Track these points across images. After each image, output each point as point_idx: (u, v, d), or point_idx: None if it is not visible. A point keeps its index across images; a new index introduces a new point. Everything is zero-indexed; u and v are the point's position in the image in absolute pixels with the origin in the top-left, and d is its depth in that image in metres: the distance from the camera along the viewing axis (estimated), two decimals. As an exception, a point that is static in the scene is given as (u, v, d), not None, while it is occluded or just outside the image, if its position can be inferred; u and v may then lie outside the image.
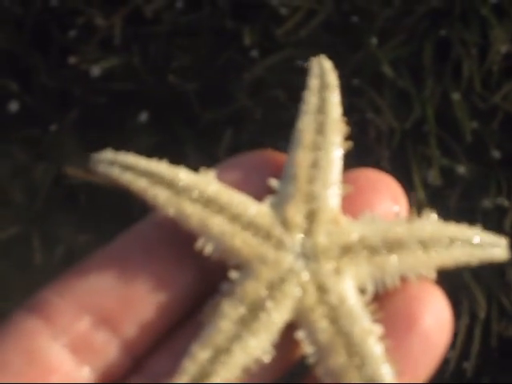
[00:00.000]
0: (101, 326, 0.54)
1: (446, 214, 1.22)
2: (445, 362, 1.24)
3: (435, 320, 0.54)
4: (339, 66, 0.58)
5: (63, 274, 0.55)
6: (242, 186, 0.56)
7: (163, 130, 1.33)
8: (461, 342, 1.23)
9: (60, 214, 1.30)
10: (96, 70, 1.35)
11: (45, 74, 1.37)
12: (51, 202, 1.32)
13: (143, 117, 1.32)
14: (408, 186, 1.24)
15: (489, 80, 1.29)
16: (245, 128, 1.33)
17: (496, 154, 1.27)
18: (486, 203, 1.25)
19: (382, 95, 1.27)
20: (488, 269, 1.23)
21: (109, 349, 0.54)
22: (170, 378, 0.52)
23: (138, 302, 0.54)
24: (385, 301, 0.55)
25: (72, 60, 1.36)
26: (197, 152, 1.32)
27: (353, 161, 1.31)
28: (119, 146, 1.33)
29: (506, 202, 1.24)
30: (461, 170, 1.26)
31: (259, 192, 0.56)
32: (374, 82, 1.28)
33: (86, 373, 0.54)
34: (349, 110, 1.29)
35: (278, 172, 0.56)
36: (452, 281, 1.27)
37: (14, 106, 1.36)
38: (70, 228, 1.30)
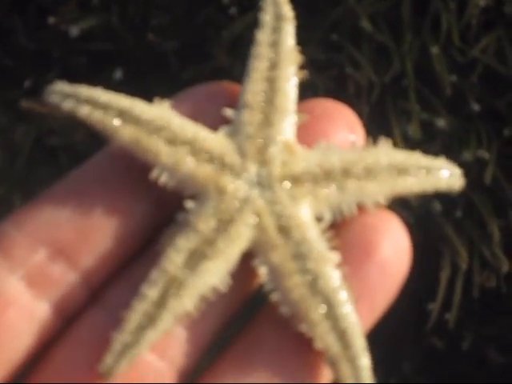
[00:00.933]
0: (57, 257, 0.54)
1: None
2: (426, 313, 1.25)
3: (393, 249, 0.54)
4: (318, 21, 0.58)
5: (21, 208, 0.55)
6: (198, 116, 0.55)
7: (141, 88, 1.32)
8: (442, 293, 1.24)
9: (41, 174, 1.30)
10: (75, 30, 1.34)
11: (23, 35, 1.37)
12: (32, 162, 1.32)
13: (118, 74, 1.32)
14: (388, 140, 1.25)
15: (467, 33, 1.29)
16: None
17: (476, 106, 1.27)
18: (467, 156, 1.25)
19: (361, 50, 1.27)
20: (469, 220, 1.24)
21: (66, 280, 0.54)
22: (127, 308, 0.52)
23: (95, 233, 0.54)
24: (343, 230, 0.55)
25: (51, 20, 1.35)
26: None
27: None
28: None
29: (486, 155, 1.25)
30: (440, 123, 1.26)
31: (215, 122, 0.56)
32: (353, 37, 1.27)
33: (43, 305, 0.54)
34: (328, 65, 1.29)
35: (234, 102, 0.56)
36: (433, 232, 1.28)
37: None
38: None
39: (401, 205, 1.22)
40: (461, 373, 1.26)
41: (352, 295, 0.53)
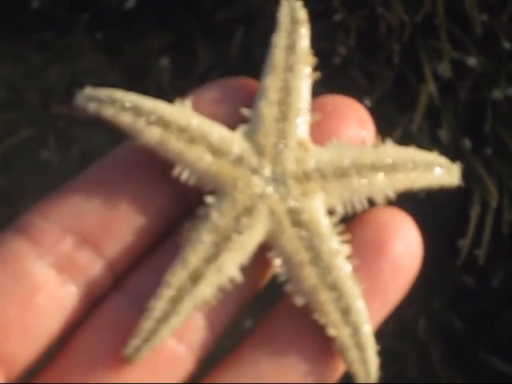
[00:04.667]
0: (84, 245, 0.56)
1: (457, 106, 1.23)
2: (457, 250, 1.26)
3: (405, 246, 0.56)
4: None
5: (48, 196, 0.57)
6: (217, 115, 0.57)
7: (175, 29, 1.33)
8: (472, 230, 1.24)
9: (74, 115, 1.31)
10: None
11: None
12: (65, 102, 1.33)
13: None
14: (419, 79, 1.25)
15: (499, -27, 1.29)
16: (256, 26, 1.33)
17: (507, 45, 1.27)
18: (496, 94, 1.25)
19: (392, -11, 1.27)
20: (499, 157, 1.24)
21: (92, 267, 0.56)
22: (149, 296, 0.55)
23: (119, 222, 0.56)
24: (358, 228, 0.57)
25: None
26: (208, 52, 1.32)
27: (364, 56, 1.31)
28: (132, 46, 1.33)
29: (516, 93, 1.25)
30: (471, 61, 1.26)
31: (233, 119, 0.57)
32: (384, -23, 1.28)
33: (71, 290, 0.56)
34: (358, 6, 1.30)
35: (251, 98, 0.58)
36: (463, 170, 1.28)
37: (34, 4, 1.38)
38: (84, 128, 1.32)
39: (431, 141, 1.23)
40: (490, 309, 1.26)
41: (361, 287, 0.56)
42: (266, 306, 0.58)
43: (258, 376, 0.56)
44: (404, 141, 1.24)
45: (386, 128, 1.29)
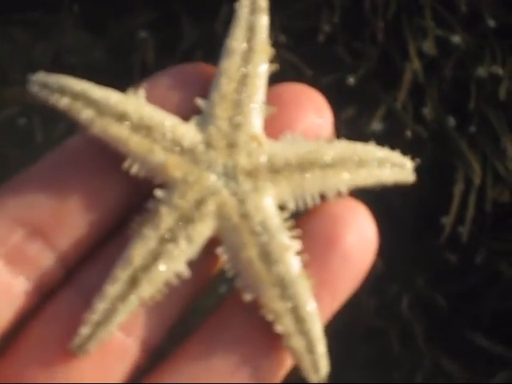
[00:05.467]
0: (34, 237, 0.55)
1: (441, 84, 1.23)
2: (440, 227, 1.26)
3: (357, 238, 0.55)
4: None
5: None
6: (171, 103, 0.57)
7: (160, 6, 1.33)
8: (456, 207, 1.25)
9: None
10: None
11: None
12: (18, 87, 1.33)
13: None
14: (403, 56, 1.25)
15: (484, -49, 1.29)
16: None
17: (491, 23, 1.27)
18: (481, 72, 1.25)
19: (377, -34, 1.27)
20: (483, 135, 1.24)
21: (42, 259, 0.55)
22: (98, 289, 0.55)
23: (70, 215, 0.56)
24: (309, 221, 0.56)
25: None
26: (193, 29, 1.32)
27: (349, 34, 1.31)
28: (116, 23, 1.33)
29: (500, 71, 1.25)
30: (455, 39, 1.26)
31: (188, 108, 0.57)
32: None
33: (21, 282, 0.55)
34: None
35: (207, 85, 0.57)
36: (447, 147, 1.29)
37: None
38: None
39: (415, 119, 1.23)
40: (473, 287, 1.27)
41: (311, 282, 0.55)
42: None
43: (205, 374, 0.55)
44: (388, 118, 1.24)
45: (370, 106, 1.30)
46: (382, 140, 0.79)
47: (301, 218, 0.56)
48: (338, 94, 1.22)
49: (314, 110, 0.57)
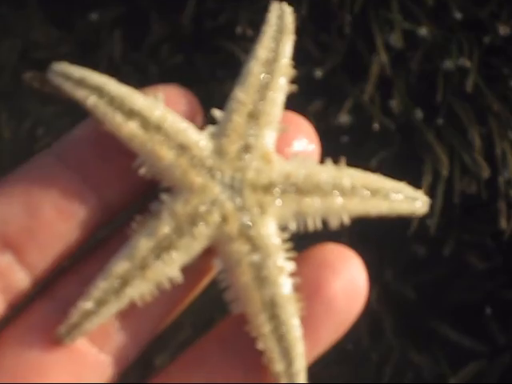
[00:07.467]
0: (5, 250, 0.56)
1: (408, 77, 1.23)
2: (408, 219, 1.26)
3: (344, 287, 0.55)
4: None
5: None
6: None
7: (128, 1, 1.33)
8: (424, 200, 1.24)
9: (27, 87, 1.30)
10: None
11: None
12: (18, 77, 1.32)
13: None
14: (370, 49, 1.25)
15: None
16: (208, -2, 1.33)
17: (458, 15, 1.27)
18: (448, 64, 1.25)
19: (343, -41, 1.27)
20: (450, 127, 1.24)
21: (12, 272, 0.56)
22: (78, 300, 0.56)
23: (42, 229, 0.56)
24: (299, 265, 0.57)
25: None
26: (160, 24, 1.32)
27: (316, 27, 1.30)
28: (83, 18, 1.32)
29: (467, 63, 1.25)
30: (422, 32, 1.26)
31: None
32: None
33: None
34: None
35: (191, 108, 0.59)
36: (415, 140, 1.29)
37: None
38: (36, 100, 1.31)
39: (382, 111, 1.23)
40: (442, 279, 1.27)
41: (299, 305, 0.56)
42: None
43: None
44: (356, 111, 1.24)
45: (337, 99, 1.29)
46: (350, 132, 0.78)
47: (291, 261, 0.56)
48: (306, 87, 1.22)
49: (306, 137, 0.59)
